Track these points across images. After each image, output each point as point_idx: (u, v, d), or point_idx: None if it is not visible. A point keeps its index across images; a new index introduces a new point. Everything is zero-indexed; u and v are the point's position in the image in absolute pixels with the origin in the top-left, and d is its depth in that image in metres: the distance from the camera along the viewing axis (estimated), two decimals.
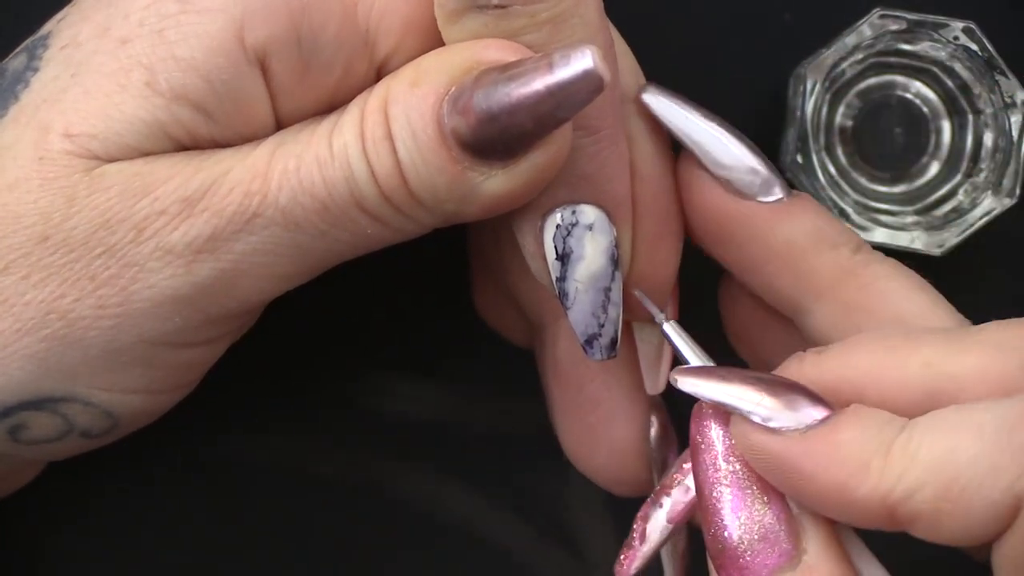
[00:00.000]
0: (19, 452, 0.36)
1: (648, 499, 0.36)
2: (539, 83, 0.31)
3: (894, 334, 0.34)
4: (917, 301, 0.36)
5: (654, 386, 0.39)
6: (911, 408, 0.32)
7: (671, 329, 0.36)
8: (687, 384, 0.34)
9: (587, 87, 0.31)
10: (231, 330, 0.36)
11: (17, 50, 0.36)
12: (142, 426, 0.37)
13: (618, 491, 0.39)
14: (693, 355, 0.36)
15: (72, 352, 0.34)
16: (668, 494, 0.36)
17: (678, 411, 0.40)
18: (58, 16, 0.35)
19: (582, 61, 0.31)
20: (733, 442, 0.33)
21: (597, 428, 0.39)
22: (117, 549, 0.44)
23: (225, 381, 0.38)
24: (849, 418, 0.32)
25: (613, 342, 0.36)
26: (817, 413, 0.32)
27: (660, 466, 0.39)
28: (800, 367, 0.34)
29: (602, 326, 0.36)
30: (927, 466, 0.31)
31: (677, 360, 0.36)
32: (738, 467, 0.34)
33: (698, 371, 0.34)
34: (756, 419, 0.33)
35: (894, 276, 0.36)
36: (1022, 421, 0.30)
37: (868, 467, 0.31)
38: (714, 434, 0.34)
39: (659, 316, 0.36)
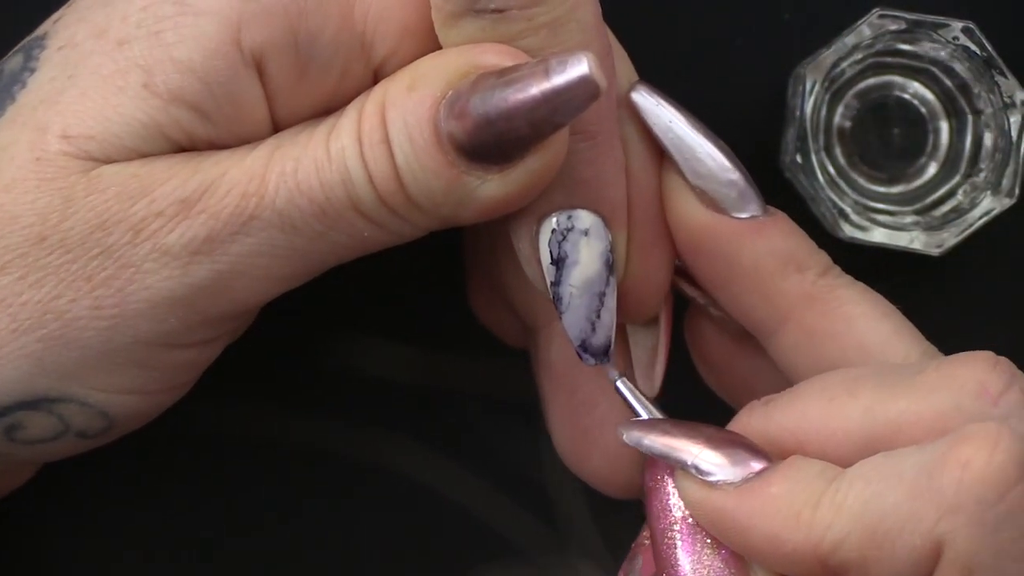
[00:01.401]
0: (16, 452, 0.36)
1: (627, 555, 0.36)
2: (535, 88, 0.31)
3: (836, 381, 0.34)
4: (881, 328, 0.36)
5: (649, 389, 0.39)
6: (854, 455, 0.33)
7: (622, 385, 0.37)
8: (631, 437, 0.35)
9: (583, 93, 0.31)
10: (228, 331, 0.36)
11: (13, 51, 0.36)
12: (138, 427, 0.37)
13: (612, 494, 0.39)
14: (642, 409, 0.37)
15: (68, 352, 0.34)
16: (642, 550, 0.36)
17: (671, 414, 0.40)
18: (54, 17, 0.36)
19: (579, 67, 0.31)
20: None
21: (591, 431, 0.39)
22: (116, 548, 0.44)
23: (217, 377, 0.39)
24: (783, 470, 0.33)
25: (607, 347, 0.36)
26: (757, 466, 0.33)
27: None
28: (748, 419, 0.35)
29: (596, 331, 0.36)
30: (852, 515, 0.31)
31: (671, 365, 0.37)
32: (688, 513, 0.34)
33: (643, 424, 0.35)
34: (694, 472, 0.33)
35: (859, 301, 0.36)
36: (942, 465, 0.31)
37: (798, 519, 0.32)
38: (665, 482, 0.35)
39: (612, 374, 0.37)
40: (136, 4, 0.34)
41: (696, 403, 0.39)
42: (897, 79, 0.43)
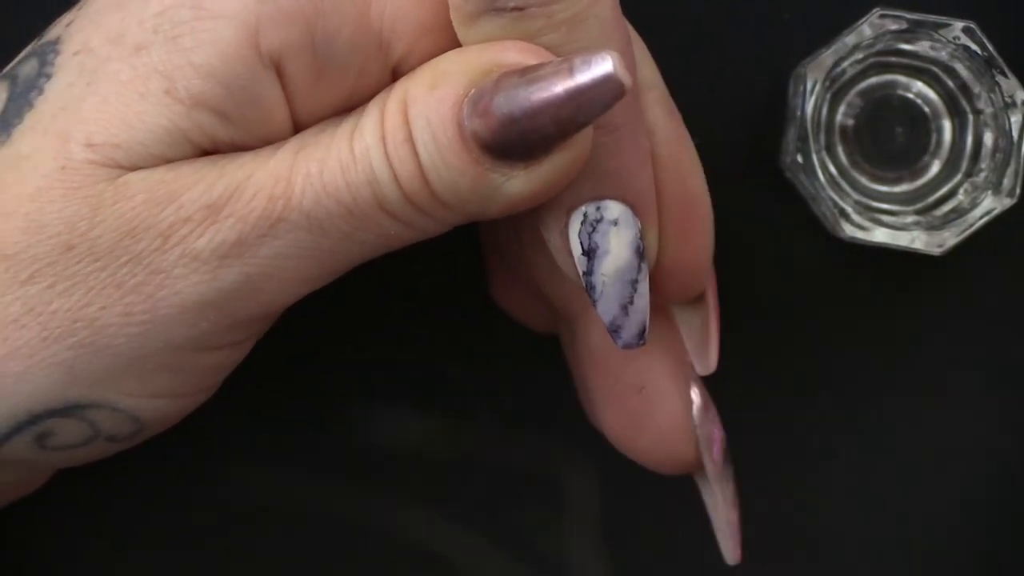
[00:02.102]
0: (44, 458, 0.36)
1: None
2: (560, 88, 0.31)
3: None
4: None
5: (705, 366, 0.39)
6: None
7: None
8: None
9: (608, 92, 0.31)
10: (256, 332, 0.36)
11: (24, 55, 0.35)
12: (165, 428, 0.37)
13: (666, 471, 0.40)
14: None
15: (99, 359, 0.34)
16: None
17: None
18: (65, 20, 0.35)
19: (603, 66, 0.31)
20: None
21: (639, 413, 0.39)
22: (116, 549, 0.44)
23: (231, 382, 0.38)
24: None
25: (642, 331, 0.36)
26: None
27: (707, 442, 0.39)
28: None
29: (629, 316, 0.36)
30: None
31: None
32: None
33: None
34: None
35: None
36: None
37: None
38: None
39: None
40: (151, 8, 0.33)
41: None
42: (899, 78, 0.43)
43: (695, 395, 0.39)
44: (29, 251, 0.33)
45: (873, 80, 0.43)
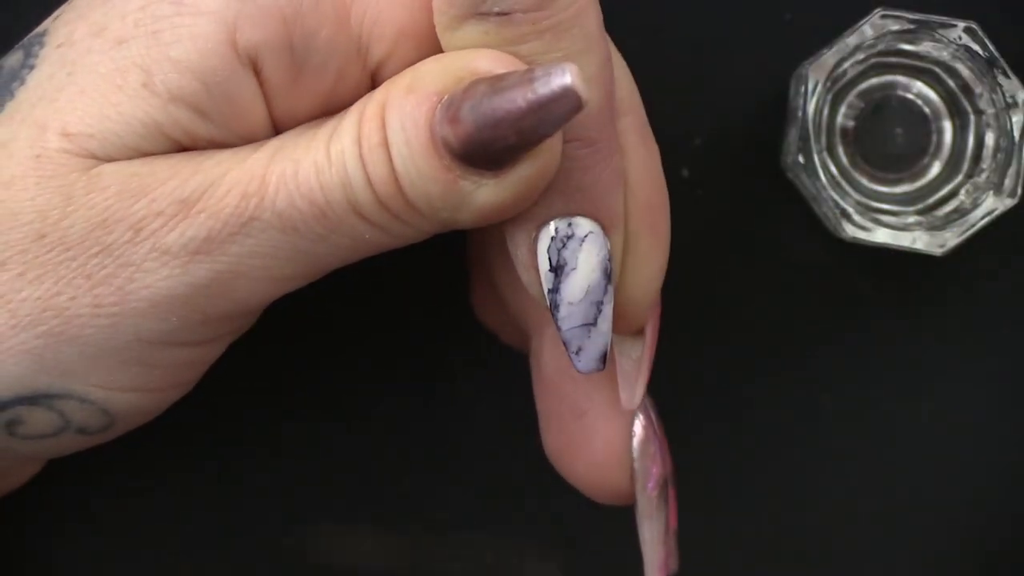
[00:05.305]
0: (17, 448, 0.36)
1: None
2: (520, 98, 0.31)
3: None
4: None
5: (630, 400, 0.38)
6: None
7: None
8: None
9: (566, 105, 0.31)
10: (230, 330, 0.36)
11: (15, 48, 0.36)
12: (140, 424, 0.37)
13: (600, 499, 0.39)
14: None
15: (68, 349, 0.34)
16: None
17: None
18: (55, 14, 0.36)
19: (562, 78, 0.31)
20: None
21: (579, 437, 0.38)
22: (115, 549, 0.44)
23: (224, 380, 0.38)
24: None
25: (603, 355, 0.36)
26: None
27: (642, 476, 0.39)
28: None
29: (592, 338, 0.35)
30: None
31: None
32: None
33: None
34: None
35: None
36: None
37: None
38: None
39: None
40: (134, 3, 0.34)
41: (684, 407, 0.39)
42: (900, 79, 0.43)
43: (638, 427, 0.39)
44: (1, 238, 0.33)
45: (873, 81, 0.43)
